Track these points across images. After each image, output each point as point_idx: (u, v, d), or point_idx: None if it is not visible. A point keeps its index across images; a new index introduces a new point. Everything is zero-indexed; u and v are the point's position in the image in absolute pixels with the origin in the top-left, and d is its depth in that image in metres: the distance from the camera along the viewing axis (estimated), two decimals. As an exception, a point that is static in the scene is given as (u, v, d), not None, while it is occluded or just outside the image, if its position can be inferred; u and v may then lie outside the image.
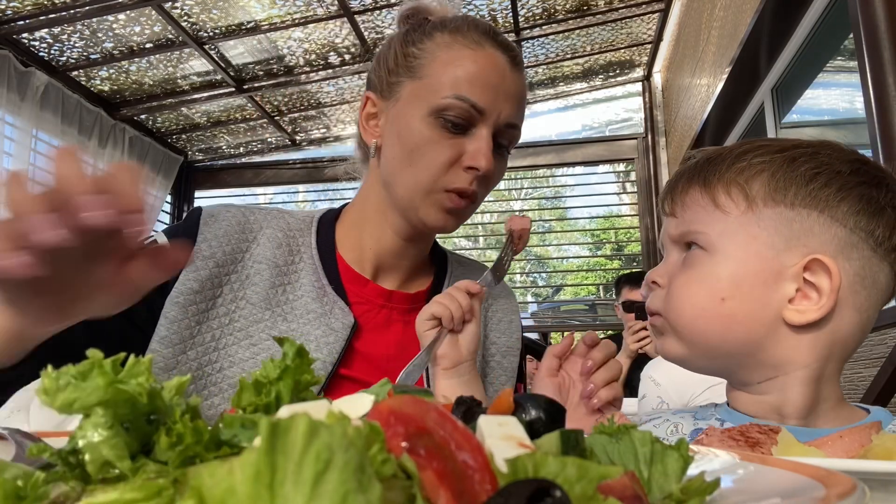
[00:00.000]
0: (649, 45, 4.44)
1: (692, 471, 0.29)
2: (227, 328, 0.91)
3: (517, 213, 0.96)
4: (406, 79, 0.93)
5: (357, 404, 0.29)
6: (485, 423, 0.26)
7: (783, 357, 0.71)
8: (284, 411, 0.25)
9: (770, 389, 0.72)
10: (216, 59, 3.83)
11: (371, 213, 1.00)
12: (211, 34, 3.62)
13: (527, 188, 5.56)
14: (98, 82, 3.99)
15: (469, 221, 5.18)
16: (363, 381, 0.93)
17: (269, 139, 4.92)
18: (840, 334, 0.70)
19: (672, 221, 0.78)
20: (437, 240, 1.15)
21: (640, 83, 4.80)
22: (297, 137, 4.89)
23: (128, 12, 3.35)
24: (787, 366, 0.71)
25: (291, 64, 4.02)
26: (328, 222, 1.04)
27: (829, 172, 0.71)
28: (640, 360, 2.85)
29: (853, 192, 0.71)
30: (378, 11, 3.60)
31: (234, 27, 3.60)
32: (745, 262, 0.70)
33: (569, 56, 4.41)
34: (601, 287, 6.05)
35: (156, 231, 0.95)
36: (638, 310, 2.72)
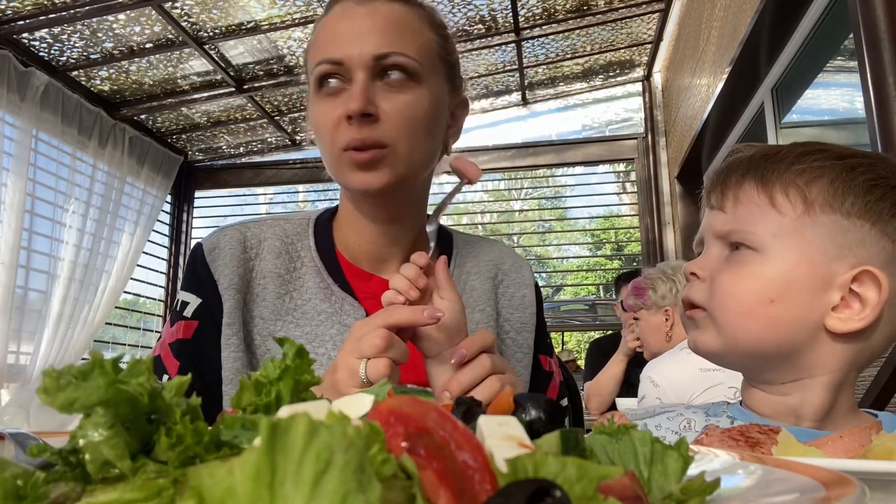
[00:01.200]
0: (649, 45, 4.44)
1: (692, 471, 0.29)
2: (245, 353, 0.91)
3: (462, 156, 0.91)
4: (307, 73, 0.94)
5: (357, 404, 0.29)
6: (485, 423, 0.26)
7: (816, 361, 0.71)
8: (284, 411, 0.25)
9: (792, 391, 0.73)
10: (216, 59, 3.83)
11: (347, 209, 1.00)
12: (211, 34, 3.62)
13: (527, 188, 5.56)
14: (98, 82, 3.99)
15: (469, 221, 5.15)
16: None
17: (269, 139, 4.92)
18: (870, 345, 0.71)
19: (719, 216, 0.76)
20: (445, 225, 1.12)
21: (640, 83, 4.80)
22: (297, 137, 4.89)
23: (128, 12, 3.35)
24: (815, 369, 0.71)
25: (291, 64, 4.02)
26: (324, 222, 1.03)
27: (886, 186, 0.72)
28: (638, 359, 2.86)
29: None
30: (378, 11, 3.59)
31: (234, 27, 3.60)
32: (797, 267, 0.70)
33: (569, 56, 4.41)
34: (601, 287, 6.05)
35: (180, 292, 0.96)
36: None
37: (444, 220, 1.05)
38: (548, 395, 0.78)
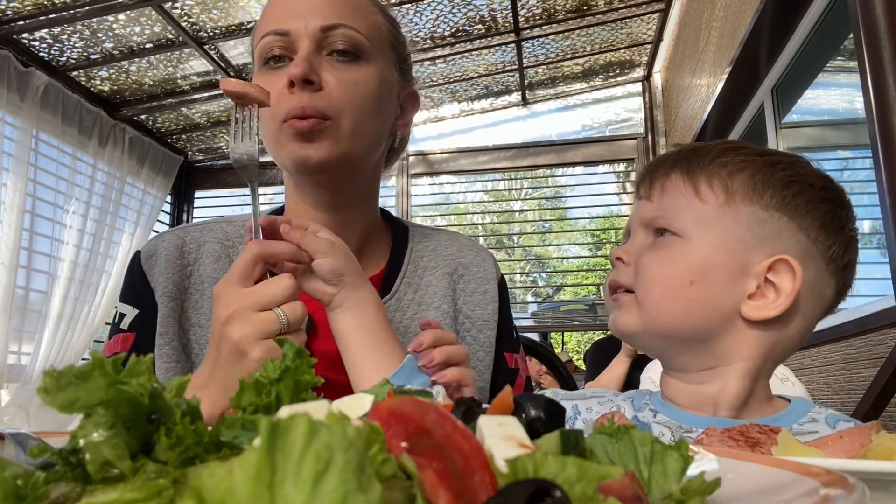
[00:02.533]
0: (649, 45, 4.44)
1: (692, 471, 0.29)
2: (179, 363, 0.88)
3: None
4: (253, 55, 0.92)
5: (357, 404, 0.29)
6: (485, 423, 0.26)
7: (730, 349, 0.73)
8: (284, 411, 0.25)
9: (708, 379, 0.75)
10: (216, 59, 3.83)
11: (291, 202, 0.96)
12: (211, 34, 3.62)
13: (527, 188, 5.56)
14: (98, 82, 3.99)
15: (468, 221, 5.13)
16: (331, 379, 0.89)
17: (269, 139, 4.92)
18: (784, 336, 0.74)
19: (646, 205, 0.79)
20: (401, 218, 1.08)
21: (640, 83, 4.80)
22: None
23: (128, 12, 3.35)
24: (730, 357, 0.74)
25: (291, 64, 4.02)
26: None
27: (803, 183, 0.75)
28: (639, 360, 2.85)
29: (821, 206, 0.75)
30: (378, 11, 3.59)
31: (234, 27, 3.60)
32: (716, 252, 0.73)
33: (569, 56, 4.41)
34: (601, 287, 6.04)
35: (119, 304, 0.92)
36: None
37: (440, 221, 1.03)
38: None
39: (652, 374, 2.04)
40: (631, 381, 2.90)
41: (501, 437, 0.25)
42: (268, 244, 0.74)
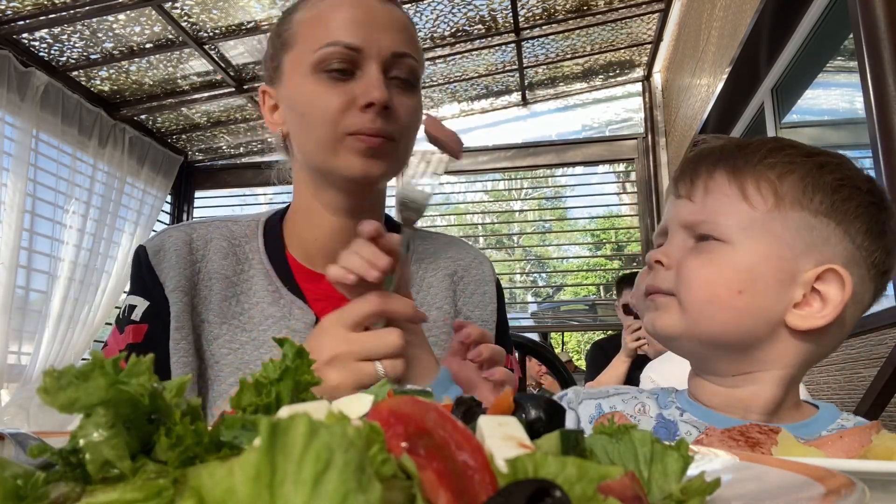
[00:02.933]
0: (649, 46, 4.44)
1: (692, 471, 0.29)
2: (194, 358, 0.89)
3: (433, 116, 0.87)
4: (283, 55, 0.92)
5: (357, 404, 0.29)
6: (485, 423, 0.26)
7: (770, 356, 0.72)
8: (284, 411, 0.25)
9: (743, 384, 0.73)
10: (216, 59, 3.83)
11: (305, 203, 0.96)
12: (211, 34, 3.62)
13: (527, 188, 5.56)
14: (98, 82, 3.99)
15: (468, 221, 5.13)
16: None
17: (269, 139, 4.91)
18: (822, 344, 0.72)
19: (686, 206, 0.75)
20: (429, 229, 1.10)
21: (640, 83, 4.80)
22: (297, 137, 4.89)
23: (128, 12, 3.35)
24: (769, 364, 0.72)
25: (291, 64, 4.02)
26: (274, 223, 1.00)
27: (852, 187, 0.72)
28: (639, 360, 2.86)
29: (867, 210, 0.72)
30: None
31: (234, 27, 3.60)
32: (766, 260, 0.70)
33: (569, 56, 4.41)
34: (601, 287, 6.05)
35: (127, 296, 0.92)
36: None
37: (440, 221, 1.04)
38: None
39: (652, 374, 2.04)
40: (631, 381, 2.90)
41: (501, 437, 0.25)
42: (390, 301, 0.73)
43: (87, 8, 3.25)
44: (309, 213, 0.96)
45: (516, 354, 1.11)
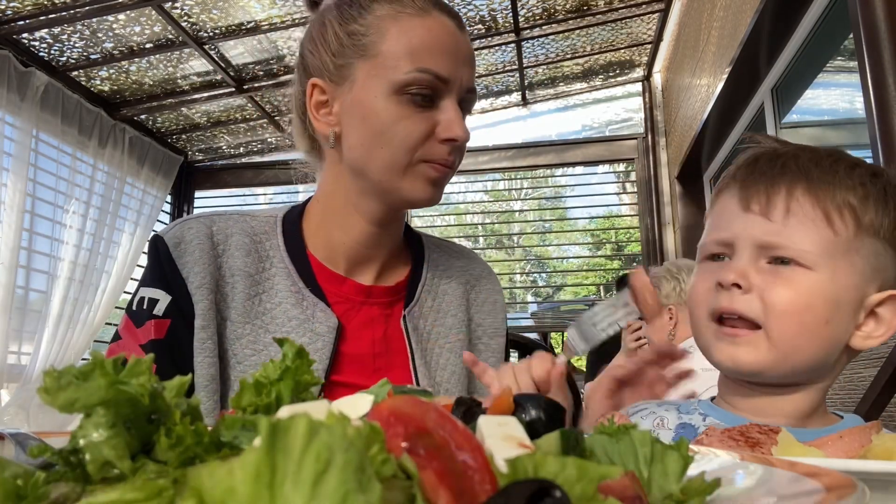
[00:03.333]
0: (649, 45, 4.44)
1: (692, 471, 0.29)
2: (218, 358, 0.87)
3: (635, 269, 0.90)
4: (356, 59, 0.88)
5: (357, 404, 0.29)
6: (485, 423, 0.26)
7: (828, 372, 0.73)
8: (284, 411, 0.25)
9: (790, 393, 0.73)
10: (216, 59, 3.83)
11: (338, 206, 0.94)
12: (211, 34, 3.62)
13: (527, 188, 5.56)
14: (98, 82, 3.99)
15: (468, 221, 5.13)
16: (356, 384, 0.90)
17: (269, 139, 4.92)
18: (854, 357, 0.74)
19: (762, 223, 0.70)
20: (419, 231, 1.12)
21: (640, 83, 4.80)
22: (297, 137, 4.88)
23: (128, 12, 3.34)
24: (823, 378, 0.73)
25: (291, 64, 4.01)
26: (293, 221, 0.98)
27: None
28: (640, 360, 2.85)
29: None
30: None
31: (234, 27, 3.60)
32: (847, 289, 0.69)
33: (569, 56, 4.41)
34: (601, 287, 6.05)
35: (144, 288, 0.89)
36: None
37: (440, 221, 1.08)
38: None
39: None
40: (631, 381, 2.91)
41: (501, 437, 0.25)
42: None
43: (87, 8, 3.25)
44: (342, 216, 0.94)
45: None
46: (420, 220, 5.30)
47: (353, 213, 0.94)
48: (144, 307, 0.87)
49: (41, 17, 3.30)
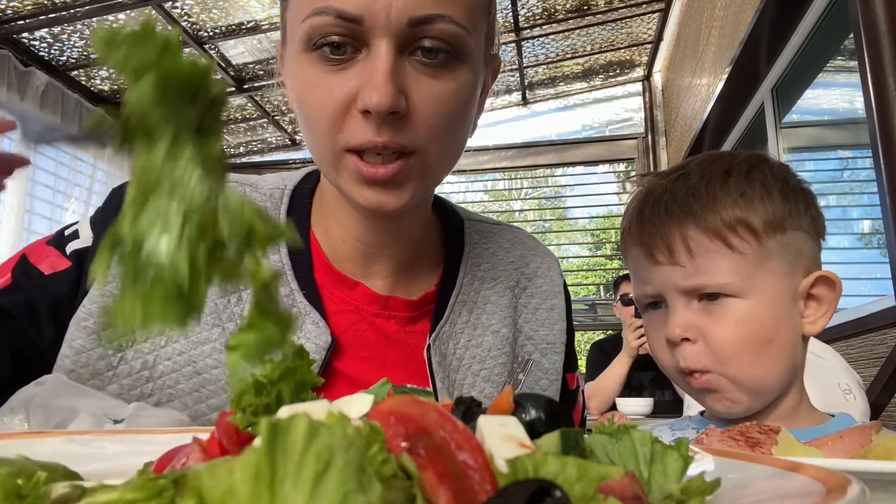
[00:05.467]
0: (649, 45, 4.44)
1: (692, 471, 0.29)
2: (163, 351, 0.67)
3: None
4: (285, 10, 0.68)
5: (357, 404, 0.29)
6: (485, 423, 0.26)
7: (799, 366, 0.75)
8: (284, 411, 0.25)
9: (776, 402, 0.75)
10: (216, 58, 3.83)
11: (331, 192, 0.73)
12: (211, 34, 3.62)
13: (527, 188, 5.56)
14: (98, 82, 3.99)
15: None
16: None
17: (269, 139, 4.92)
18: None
19: (676, 271, 0.73)
20: (463, 210, 0.87)
21: (640, 83, 4.80)
22: (298, 137, 4.89)
23: (128, 12, 3.35)
24: (797, 374, 0.75)
25: (291, 64, 4.02)
26: (303, 196, 0.77)
27: (791, 190, 0.74)
28: (640, 361, 2.85)
29: (813, 201, 0.75)
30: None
31: (234, 27, 3.60)
32: (775, 297, 0.71)
33: (569, 56, 4.41)
34: (601, 287, 6.04)
35: (80, 222, 0.72)
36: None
37: None
38: (572, 416, 0.74)
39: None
40: (631, 381, 2.90)
41: (501, 437, 0.25)
42: None
43: (87, 7, 3.25)
44: (336, 204, 0.73)
45: (580, 371, 0.95)
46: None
47: (343, 204, 0.72)
48: (63, 233, 0.71)
49: (41, 17, 3.30)
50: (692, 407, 1.88)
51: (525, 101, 4.87)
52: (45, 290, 0.67)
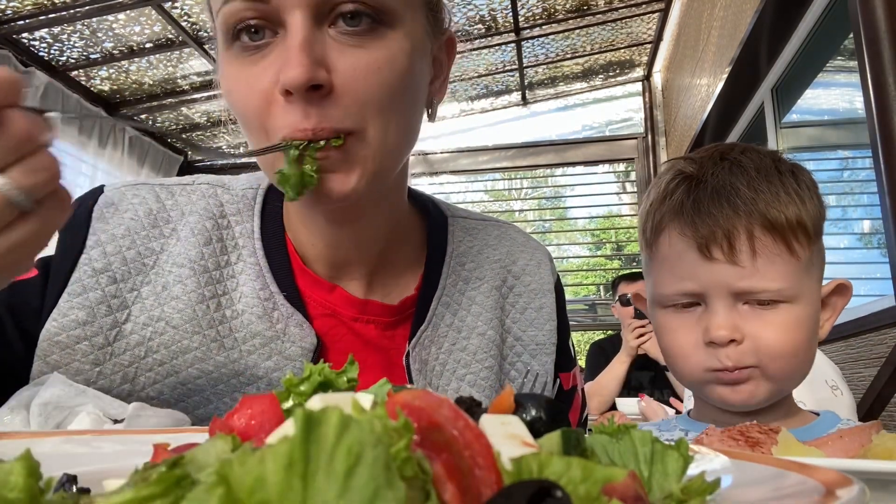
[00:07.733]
0: (649, 45, 4.44)
1: (692, 471, 0.29)
2: (143, 362, 0.64)
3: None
4: (211, 14, 0.65)
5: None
6: (487, 422, 0.26)
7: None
8: (316, 402, 0.25)
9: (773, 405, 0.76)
10: (216, 58, 3.83)
11: (289, 204, 0.73)
12: (211, 34, 3.62)
13: (527, 188, 5.56)
14: (98, 82, 3.99)
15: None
16: None
17: (269, 139, 4.92)
18: None
19: (731, 271, 0.69)
20: (448, 207, 0.84)
21: (640, 83, 4.80)
22: (297, 137, 4.88)
23: (128, 12, 3.34)
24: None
25: (291, 64, 4.01)
26: (277, 196, 0.74)
27: (818, 194, 0.74)
28: (639, 360, 2.86)
29: (817, 198, 0.74)
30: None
31: (234, 27, 3.60)
32: (815, 302, 0.72)
33: (569, 56, 4.41)
34: (601, 287, 6.04)
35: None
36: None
37: None
38: (570, 416, 0.73)
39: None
40: (630, 381, 2.90)
41: (505, 436, 0.25)
42: None
43: (87, 8, 3.25)
44: (298, 209, 0.71)
45: (578, 367, 0.88)
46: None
47: (308, 213, 0.70)
48: None
49: (41, 17, 3.30)
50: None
51: (525, 101, 4.87)
52: (13, 298, 0.64)
